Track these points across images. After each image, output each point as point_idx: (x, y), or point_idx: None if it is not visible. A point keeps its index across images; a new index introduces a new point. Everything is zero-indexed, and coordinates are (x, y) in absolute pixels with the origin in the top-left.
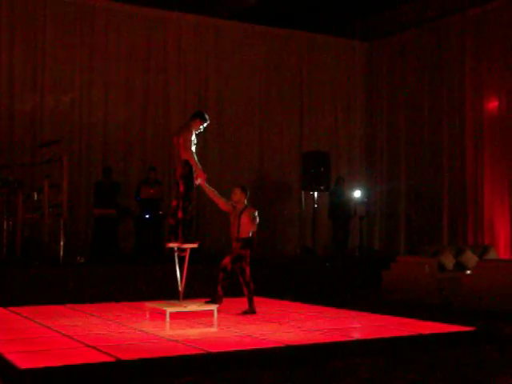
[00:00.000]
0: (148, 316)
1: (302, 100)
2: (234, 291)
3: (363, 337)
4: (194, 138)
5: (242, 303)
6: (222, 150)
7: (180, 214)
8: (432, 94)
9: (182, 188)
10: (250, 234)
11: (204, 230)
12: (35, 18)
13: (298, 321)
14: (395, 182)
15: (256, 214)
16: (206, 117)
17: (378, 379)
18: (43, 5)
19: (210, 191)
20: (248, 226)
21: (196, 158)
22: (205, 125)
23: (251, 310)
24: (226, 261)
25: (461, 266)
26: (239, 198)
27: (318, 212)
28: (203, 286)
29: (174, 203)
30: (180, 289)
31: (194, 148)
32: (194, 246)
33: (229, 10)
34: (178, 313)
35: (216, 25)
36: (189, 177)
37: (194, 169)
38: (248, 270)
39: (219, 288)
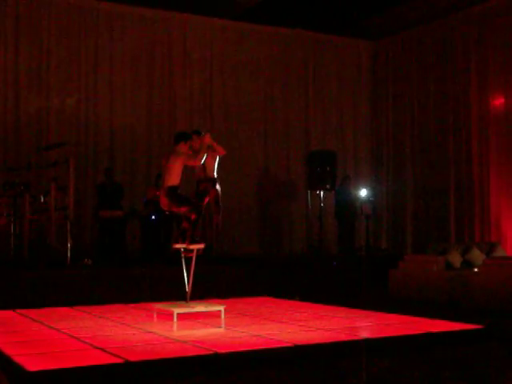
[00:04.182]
0: (155, 317)
1: (308, 99)
2: (240, 292)
3: (371, 336)
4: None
5: (250, 304)
6: (227, 149)
7: (193, 216)
8: (438, 92)
9: (184, 209)
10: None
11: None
12: (40, 20)
13: (305, 320)
14: (401, 181)
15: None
16: (188, 135)
17: (387, 378)
18: (48, 7)
19: (219, 147)
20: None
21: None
22: (192, 142)
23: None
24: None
25: (468, 264)
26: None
27: (324, 211)
28: (210, 287)
29: (185, 210)
30: (187, 290)
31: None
32: (201, 246)
33: (233, 10)
34: (185, 313)
35: (221, 25)
36: (178, 198)
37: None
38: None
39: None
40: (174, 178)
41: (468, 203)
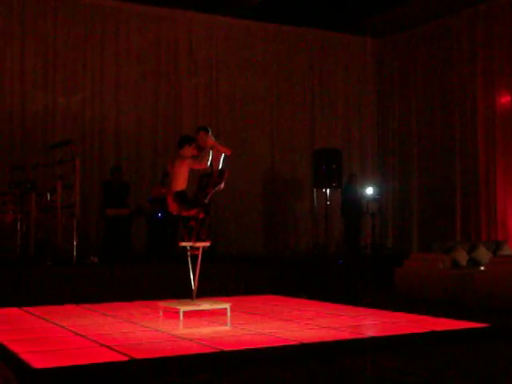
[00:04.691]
0: (161, 315)
1: (314, 97)
2: (245, 290)
3: (376, 334)
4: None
5: (255, 302)
6: (233, 147)
7: (201, 215)
8: (443, 90)
9: (194, 212)
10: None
11: (217, 228)
12: (46, 18)
13: (311, 318)
14: (407, 179)
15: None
16: (192, 138)
17: (392, 377)
18: (54, 5)
19: (223, 148)
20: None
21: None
22: (198, 138)
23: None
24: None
25: (474, 262)
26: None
27: (330, 209)
28: (216, 285)
29: (195, 212)
30: (193, 287)
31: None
32: (207, 244)
33: (239, 8)
34: (191, 311)
35: (226, 23)
36: (187, 203)
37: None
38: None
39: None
40: (180, 182)
41: (474, 201)
